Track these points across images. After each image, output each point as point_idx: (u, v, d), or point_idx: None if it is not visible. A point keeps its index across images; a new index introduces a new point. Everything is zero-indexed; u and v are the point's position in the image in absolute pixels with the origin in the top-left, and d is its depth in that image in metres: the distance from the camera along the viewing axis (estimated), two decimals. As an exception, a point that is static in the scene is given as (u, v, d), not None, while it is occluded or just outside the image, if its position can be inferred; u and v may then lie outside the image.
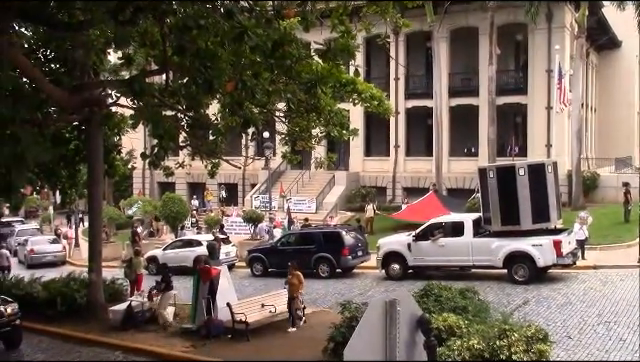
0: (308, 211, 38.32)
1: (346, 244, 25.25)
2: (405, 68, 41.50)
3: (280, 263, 26.23)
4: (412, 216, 32.40)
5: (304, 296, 20.05)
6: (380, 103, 19.21)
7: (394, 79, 41.93)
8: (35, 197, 51.74)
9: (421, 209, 32.55)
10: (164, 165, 18.58)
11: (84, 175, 21.00)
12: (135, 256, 21.82)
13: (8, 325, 16.55)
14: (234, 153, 26.25)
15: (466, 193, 37.04)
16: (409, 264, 23.42)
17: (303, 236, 27.33)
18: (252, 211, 34.26)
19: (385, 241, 24.68)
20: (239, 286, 23.12)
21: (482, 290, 17.74)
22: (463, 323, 12.00)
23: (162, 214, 35.65)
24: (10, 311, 16.72)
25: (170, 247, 29.73)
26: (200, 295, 17.04)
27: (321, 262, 25.38)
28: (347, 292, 22.20)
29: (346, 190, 41.49)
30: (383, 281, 23.64)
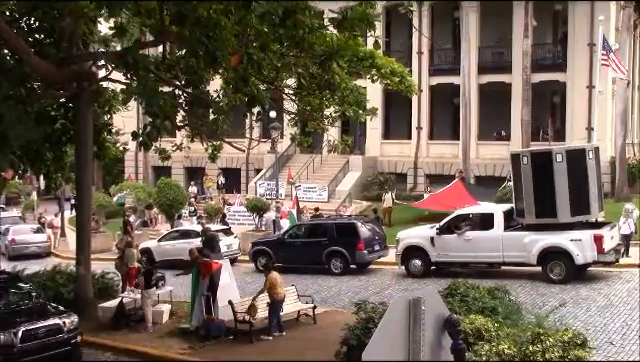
0: (319, 200, 38.37)
1: (361, 237, 25.28)
2: (430, 41, 41.32)
3: (288, 257, 26.31)
4: (435, 206, 32.39)
5: (314, 295, 20.12)
6: (401, 80, 19.14)
7: (417, 53, 41.77)
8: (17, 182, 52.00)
9: (446, 199, 32.53)
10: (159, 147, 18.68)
11: (71, 157, 21.10)
12: (127, 247, 21.95)
13: (67, 343, 14.55)
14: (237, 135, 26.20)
15: (496, 181, 36.95)
16: (432, 260, 23.42)
17: (313, 228, 27.36)
18: (257, 199, 34.35)
19: (405, 234, 24.67)
20: (242, 282, 23.19)
21: (513, 290, 17.72)
22: (492, 326, 12.01)
23: (157, 202, 35.81)
24: (69, 324, 14.80)
25: (166, 238, 29.89)
26: (199, 292, 17.13)
27: (333, 257, 25.44)
28: (362, 290, 22.23)
29: (362, 177, 41.49)
30: (403, 278, 23.66)
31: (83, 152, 18.70)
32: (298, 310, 18.09)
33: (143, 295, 17.82)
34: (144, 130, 11.78)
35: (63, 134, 20.11)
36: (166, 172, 45.70)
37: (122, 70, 13.53)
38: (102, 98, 19.22)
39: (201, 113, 18.53)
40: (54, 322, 14.66)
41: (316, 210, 32.23)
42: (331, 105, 19.03)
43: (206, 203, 39.09)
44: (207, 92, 18.19)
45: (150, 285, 17.95)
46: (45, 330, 14.41)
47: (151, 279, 18.12)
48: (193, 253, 19.62)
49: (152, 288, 18.01)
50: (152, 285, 18.02)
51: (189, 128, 18.78)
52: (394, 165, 42.60)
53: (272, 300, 16.66)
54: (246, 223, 34.45)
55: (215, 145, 19.93)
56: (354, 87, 18.50)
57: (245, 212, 34.37)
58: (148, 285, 17.90)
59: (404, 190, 41.03)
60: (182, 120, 18.18)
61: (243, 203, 36.36)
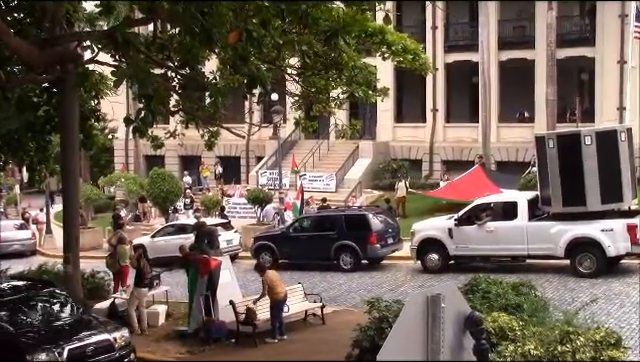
0: (326, 190, 38.39)
1: (373, 229, 25.30)
2: (445, 14, 41.16)
3: (293, 253, 26.39)
4: (453, 195, 32.39)
5: (322, 293, 20.16)
6: (415, 57, 19.08)
7: (431, 28, 41.65)
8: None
9: (465, 186, 32.52)
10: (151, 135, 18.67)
11: (56, 147, 21.13)
12: (119, 244, 22.00)
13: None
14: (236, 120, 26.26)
15: (519, 167, 36.90)
16: (450, 253, 23.44)
17: (321, 220, 27.40)
18: (258, 190, 34.38)
19: (421, 226, 24.69)
20: (244, 280, 23.26)
21: (539, 285, 17.72)
22: (517, 324, 12.02)
23: (150, 194, 35.88)
24: (120, 339, 13.95)
25: (160, 234, 29.96)
26: (197, 291, 17.19)
27: (343, 251, 25.48)
28: (375, 288, 22.28)
29: (372, 164, 41.49)
30: (419, 274, 23.70)
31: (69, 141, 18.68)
32: (305, 310, 18.15)
33: (132, 294, 17.88)
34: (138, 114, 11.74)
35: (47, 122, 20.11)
36: (159, 162, 45.77)
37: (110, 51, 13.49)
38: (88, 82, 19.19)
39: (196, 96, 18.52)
40: (103, 338, 13.66)
41: (323, 201, 32.25)
42: (338, 86, 19.00)
43: (203, 195, 39.13)
44: (202, 73, 18.17)
45: (143, 283, 17.96)
46: (93, 348, 13.43)
47: (144, 276, 18.13)
48: (183, 249, 19.68)
49: (144, 288, 18.03)
50: (145, 284, 18.04)
51: (183, 113, 18.78)
52: (408, 151, 42.57)
53: (272, 301, 16.70)
54: (247, 216, 34.46)
55: (212, 131, 19.94)
56: (363, 66, 18.46)
57: (246, 204, 34.41)
58: (141, 282, 17.93)
59: (419, 178, 41.00)
60: (176, 104, 18.18)
61: (243, 194, 36.39)
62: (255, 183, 40.68)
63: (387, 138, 43.19)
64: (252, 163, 46.49)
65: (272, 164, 41.45)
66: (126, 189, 39.74)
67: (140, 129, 12.00)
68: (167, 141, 20.49)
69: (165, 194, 35.05)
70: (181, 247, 20.90)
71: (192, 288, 17.48)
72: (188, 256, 19.19)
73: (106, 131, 43.31)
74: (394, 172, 39.99)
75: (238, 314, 16.59)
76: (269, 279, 16.78)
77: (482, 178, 33.40)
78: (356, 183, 39.13)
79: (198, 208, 35.36)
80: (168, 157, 48.06)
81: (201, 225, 20.85)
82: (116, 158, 52.30)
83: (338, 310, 19.18)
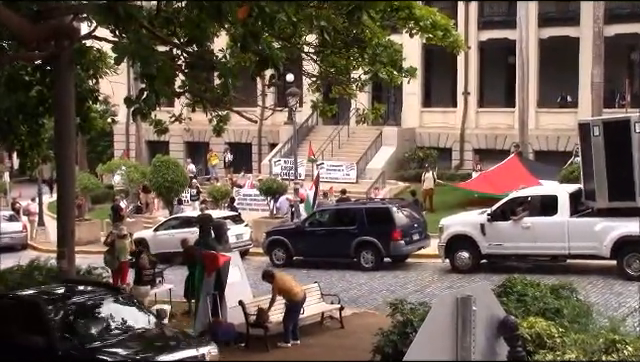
0: (346, 180, 38.39)
1: (397, 224, 25.30)
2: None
3: (309, 249, 26.47)
4: (486, 187, 32.29)
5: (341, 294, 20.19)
6: (445, 34, 18.97)
7: (464, 1, 41.45)
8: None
9: (499, 178, 32.39)
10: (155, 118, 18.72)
11: (50, 131, 21.23)
12: (118, 238, 22.11)
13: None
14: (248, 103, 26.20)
15: (560, 157, 36.72)
16: (482, 252, 23.42)
17: (340, 213, 27.45)
18: (271, 180, 34.41)
19: (450, 221, 24.67)
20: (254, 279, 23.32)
21: (582, 287, 17.65)
22: (556, 331, 11.96)
23: (153, 183, 36.00)
24: (210, 356, 13.04)
25: (163, 227, 30.10)
26: (204, 291, 17.25)
27: (364, 248, 25.50)
28: (399, 288, 22.31)
29: (397, 152, 41.43)
30: (447, 274, 23.71)
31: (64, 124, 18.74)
32: (322, 312, 18.19)
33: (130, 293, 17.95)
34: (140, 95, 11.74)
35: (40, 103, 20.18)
36: (163, 148, 45.89)
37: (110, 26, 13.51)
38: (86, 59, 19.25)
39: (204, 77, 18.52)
40: (190, 355, 12.70)
41: (343, 193, 32.25)
42: (360, 66, 18.93)
43: (210, 185, 39.23)
44: (211, 51, 18.16)
45: (143, 281, 18.04)
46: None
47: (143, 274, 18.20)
48: (186, 243, 19.79)
49: (145, 286, 18.11)
50: (146, 281, 18.12)
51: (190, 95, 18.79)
52: (436, 138, 42.45)
53: (290, 303, 16.72)
54: (259, 209, 34.52)
55: (221, 115, 19.93)
56: (388, 44, 18.38)
57: (257, 195, 34.47)
58: (140, 281, 18.02)
59: (448, 168, 40.90)
60: (181, 85, 18.18)
61: (255, 185, 36.44)
62: (268, 172, 40.75)
63: (413, 124, 43.08)
64: (265, 150, 46.53)
65: (287, 152, 41.44)
66: (126, 178, 39.90)
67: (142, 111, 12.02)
68: (172, 126, 20.47)
69: (169, 184, 35.13)
70: (183, 241, 21.00)
71: (198, 287, 17.55)
72: (192, 252, 19.29)
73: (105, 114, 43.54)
74: (421, 162, 39.90)
75: (248, 315, 16.66)
76: (279, 285, 16.81)
77: (518, 169, 33.25)
78: (379, 173, 39.08)
79: (205, 199, 35.45)
80: (173, 143, 48.18)
81: (207, 218, 20.91)
82: (116, 144, 52.53)
83: (358, 312, 19.20)
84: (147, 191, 37.93)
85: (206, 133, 43.65)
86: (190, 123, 21.34)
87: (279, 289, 16.77)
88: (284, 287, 16.81)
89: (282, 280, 17.01)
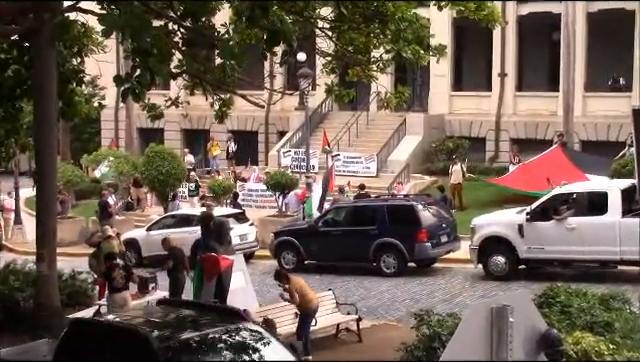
0: (365, 174, 38.32)
1: (423, 224, 25.27)
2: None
3: (322, 252, 26.45)
4: (525, 183, 32.13)
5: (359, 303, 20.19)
6: (479, 6, 18.92)
7: (500, -29, 41.34)
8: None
9: (540, 172, 32.19)
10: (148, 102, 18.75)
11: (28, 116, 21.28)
12: (105, 240, 22.14)
13: None
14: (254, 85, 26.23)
15: (611, 147, 36.55)
16: (520, 256, 23.37)
17: (358, 212, 27.46)
18: (280, 173, 34.39)
19: (484, 221, 24.62)
20: (261, 285, 23.32)
21: (636, 298, 17.57)
22: (606, 348, 11.93)
23: (145, 177, 36.06)
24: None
25: (157, 226, 30.14)
26: (203, 298, 17.26)
27: (385, 251, 25.49)
28: (424, 297, 22.33)
29: (424, 142, 41.34)
30: (480, 281, 23.68)
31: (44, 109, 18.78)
32: (337, 324, 18.19)
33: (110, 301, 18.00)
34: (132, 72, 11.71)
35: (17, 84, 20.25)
36: (157, 136, 45.93)
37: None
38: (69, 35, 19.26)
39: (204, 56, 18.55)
40: None
41: (361, 188, 32.16)
42: (381, 44, 18.91)
43: (211, 178, 39.24)
44: (212, 27, 18.17)
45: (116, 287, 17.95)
46: None
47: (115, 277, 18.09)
48: (167, 243, 19.79)
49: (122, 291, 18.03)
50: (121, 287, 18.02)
51: (188, 76, 18.82)
52: (468, 126, 42.31)
53: (304, 310, 16.73)
54: (266, 206, 34.51)
55: (223, 99, 19.97)
56: (413, 18, 18.33)
57: (264, 191, 34.45)
58: (112, 287, 17.95)
59: (482, 160, 40.76)
60: (178, 65, 18.22)
61: (261, 178, 36.42)
62: (276, 165, 40.70)
63: (442, 110, 42.95)
64: (273, 140, 46.50)
65: (298, 141, 41.40)
66: (115, 170, 39.97)
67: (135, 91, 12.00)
68: (167, 111, 20.57)
69: (164, 177, 35.15)
70: (164, 241, 21.01)
71: (196, 294, 17.56)
72: (177, 253, 19.41)
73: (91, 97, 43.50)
74: (450, 153, 39.75)
75: (253, 327, 16.65)
76: (297, 285, 16.80)
77: (562, 162, 33.10)
78: (402, 166, 38.99)
79: (205, 195, 35.49)
80: (168, 131, 48.22)
81: (208, 216, 20.95)
82: (103, 131, 52.56)
83: (378, 324, 19.19)
84: (139, 185, 37.96)
85: (206, 120, 43.61)
86: (188, 108, 21.40)
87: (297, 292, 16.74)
88: (301, 291, 16.79)
89: (300, 284, 17.00)
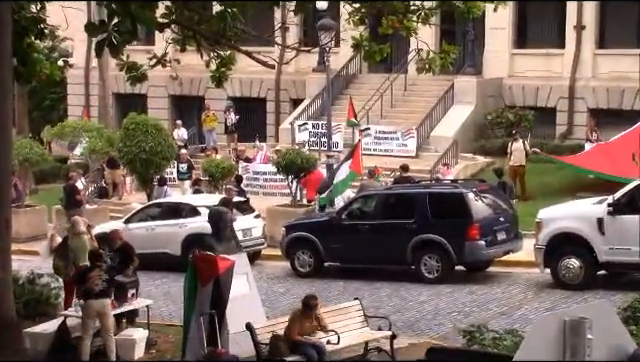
0: (402, 153, 38.37)
1: (475, 217, 25.25)
2: None
3: (347, 251, 26.47)
4: (606, 165, 32.07)
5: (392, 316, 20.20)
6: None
7: None
8: None
9: (626, 151, 32.11)
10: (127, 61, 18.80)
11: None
12: (74, 235, 22.19)
13: None
14: (261, 40, 26.19)
15: None
16: (599, 259, 23.32)
17: (392, 200, 27.58)
18: (294, 151, 34.39)
19: (553, 213, 24.57)
20: (269, 292, 23.39)
21: None
22: None
23: (123, 155, 36.11)
24: None
25: (139, 218, 30.20)
26: (196, 308, 17.32)
27: (426, 251, 25.51)
28: (476, 309, 22.37)
29: (476, 114, 41.27)
30: (547, 289, 23.71)
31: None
32: (366, 342, 18.19)
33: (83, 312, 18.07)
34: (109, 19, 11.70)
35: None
36: (138, 104, 46.00)
37: None
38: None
39: (199, 3, 18.55)
40: None
41: (404, 169, 31.88)
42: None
43: (207, 158, 39.28)
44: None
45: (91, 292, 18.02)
46: None
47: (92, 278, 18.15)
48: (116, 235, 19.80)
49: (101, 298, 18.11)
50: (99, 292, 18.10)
51: (178, 27, 18.83)
52: (533, 93, 42.18)
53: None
54: (276, 192, 34.66)
55: (223, 57, 19.99)
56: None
57: (273, 173, 34.47)
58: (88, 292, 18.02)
59: (551, 136, 40.71)
60: (166, 14, 18.24)
61: (271, 158, 36.45)
62: (289, 141, 40.72)
63: (500, 73, 42.83)
64: (285, 109, 46.53)
65: (317, 111, 41.42)
66: (86, 147, 40.07)
67: (112, 44, 11.97)
68: (151, 72, 20.56)
69: (147, 155, 35.16)
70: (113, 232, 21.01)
71: (188, 303, 17.62)
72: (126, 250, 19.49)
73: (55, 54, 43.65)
74: (510, 127, 39.67)
75: (259, 345, 16.71)
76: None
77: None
78: (449, 144, 38.92)
79: (199, 178, 35.51)
80: (153, 97, 48.33)
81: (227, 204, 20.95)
82: (70, 97, 52.68)
83: (417, 343, 19.18)
84: (115, 166, 38.05)
85: (201, 83, 43.73)
86: (178, 68, 21.34)
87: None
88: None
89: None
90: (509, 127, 39.78)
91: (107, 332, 18.12)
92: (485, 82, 42.29)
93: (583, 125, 40.66)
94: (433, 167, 36.25)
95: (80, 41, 47.79)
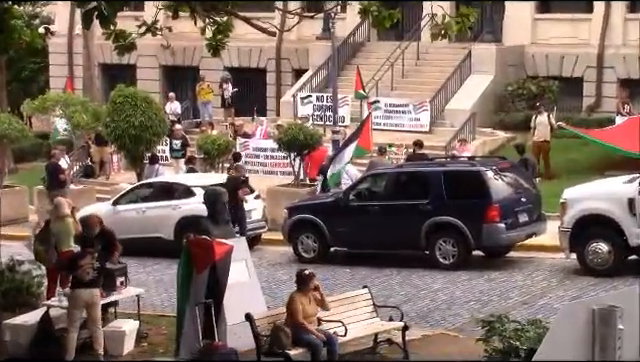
0: (414, 128, 38.46)
1: (494, 198, 25.26)
2: None
3: (354, 235, 26.47)
4: (636, 141, 32.04)
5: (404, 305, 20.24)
6: None
7: None
8: None
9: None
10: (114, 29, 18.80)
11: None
12: (57, 218, 22.21)
13: None
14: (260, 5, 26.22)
15: None
16: (630, 243, 23.36)
17: (404, 179, 27.64)
18: (297, 127, 34.39)
19: (579, 193, 24.57)
20: (270, 280, 23.43)
21: None
22: None
23: (111, 131, 36.12)
24: None
25: (128, 199, 30.21)
26: (191, 298, 17.35)
27: (441, 235, 25.56)
28: (496, 298, 22.41)
29: (496, 84, 41.25)
30: (573, 276, 23.75)
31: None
32: (375, 333, 18.21)
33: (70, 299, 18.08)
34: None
35: None
36: (127, 75, 46.09)
37: None
38: None
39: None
40: None
41: (418, 145, 31.89)
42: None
43: (202, 133, 39.30)
44: None
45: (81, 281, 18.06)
46: None
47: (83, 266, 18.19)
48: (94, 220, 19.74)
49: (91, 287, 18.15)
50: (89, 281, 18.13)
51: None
52: (558, 62, 42.14)
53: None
54: (277, 171, 34.73)
55: (219, 24, 19.98)
56: None
57: (275, 150, 34.48)
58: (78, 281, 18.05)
59: (577, 109, 40.74)
60: (156, -25, 18.23)
61: (271, 134, 36.44)
62: (292, 115, 40.70)
63: (522, 40, 42.79)
64: (287, 81, 46.54)
65: (321, 83, 41.40)
66: (70, 122, 40.07)
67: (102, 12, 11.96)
68: (141, 40, 20.52)
69: (137, 131, 35.19)
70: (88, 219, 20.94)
71: (182, 292, 17.64)
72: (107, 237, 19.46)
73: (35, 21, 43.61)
74: (533, 99, 39.64)
75: (259, 337, 16.74)
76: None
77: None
78: (466, 117, 38.94)
79: (193, 156, 35.52)
80: (142, 68, 48.34)
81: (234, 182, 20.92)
82: (52, 68, 52.70)
83: (431, 335, 19.24)
84: (102, 143, 38.05)
85: (195, 52, 43.73)
86: (170, 36, 21.32)
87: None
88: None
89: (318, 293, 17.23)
90: (531, 99, 39.78)
91: (95, 324, 18.12)
92: (505, 50, 42.27)
93: (613, 97, 40.66)
94: (448, 143, 36.31)
95: (63, 6, 47.76)
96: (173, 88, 47.99)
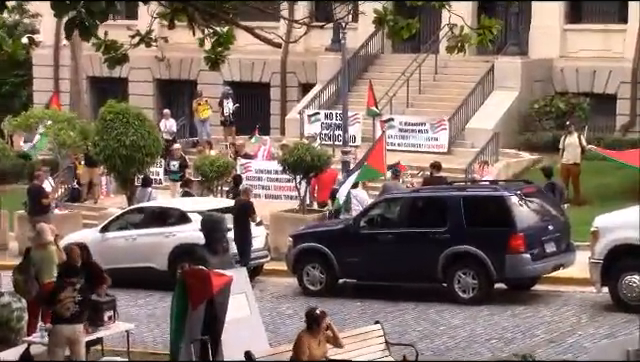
0: (431, 149, 38.44)
1: (519, 226, 25.24)
2: None
3: (365, 266, 26.49)
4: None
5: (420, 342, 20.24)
6: None
7: None
8: None
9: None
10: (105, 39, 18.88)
11: None
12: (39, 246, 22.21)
13: None
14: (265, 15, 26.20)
15: None
16: (669, 276, 23.36)
17: (420, 205, 27.63)
18: (304, 147, 34.45)
19: (612, 221, 24.51)
20: (273, 315, 23.42)
21: None
22: None
23: (100, 150, 36.17)
24: None
25: (117, 225, 30.24)
26: (186, 333, 17.35)
27: (460, 266, 25.54)
28: (520, 336, 22.35)
29: (521, 102, 41.26)
30: (605, 312, 23.68)
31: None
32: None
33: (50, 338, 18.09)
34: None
35: None
36: (118, 90, 46.14)
37: None
38: None
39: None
40: None
41: (436, 168, 31.90)
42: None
43: (199, 153, 39.33)
44: None
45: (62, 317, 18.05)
46: None
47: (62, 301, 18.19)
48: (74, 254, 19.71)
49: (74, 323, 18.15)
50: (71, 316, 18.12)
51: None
52: (589, 77, 42.13)
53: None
54: (281, 195, 34.75)
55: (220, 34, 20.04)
56: None
57: (278, 172, 34.52)
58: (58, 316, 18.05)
59: (610, 128, 40.66)
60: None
61: (275, 155, 36.47)
62: (298, 133, 40.77)
63: (550, 53, 42.80)
64: (293, 96, 46.58)
65: (330, 99, 41.46)
66: (55, 140, 40.12)
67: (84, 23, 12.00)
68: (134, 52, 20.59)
69: (129, 151, 35.25)
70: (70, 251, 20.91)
71: (176, 327, 17.64)
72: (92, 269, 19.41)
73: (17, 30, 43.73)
74: (562, 117, 39.67)
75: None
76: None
77: None
78: (488, 137, 38.96)
79: (189, 179, 35.56)
80: (135, 82, 48.41)
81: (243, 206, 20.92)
82: (36, 82, 52.76)
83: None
84: (91, 163, 38.07)
85: (192, 65, 43.81)
86: (166, 47, 21.46)
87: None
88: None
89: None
90: (560, 118, 39.77)
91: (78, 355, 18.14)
92: (531, 63, 42.28)
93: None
94: (469, 165, 36.27)
95: (49, 15, 47.81)
96: (168, 104, 48.05)
